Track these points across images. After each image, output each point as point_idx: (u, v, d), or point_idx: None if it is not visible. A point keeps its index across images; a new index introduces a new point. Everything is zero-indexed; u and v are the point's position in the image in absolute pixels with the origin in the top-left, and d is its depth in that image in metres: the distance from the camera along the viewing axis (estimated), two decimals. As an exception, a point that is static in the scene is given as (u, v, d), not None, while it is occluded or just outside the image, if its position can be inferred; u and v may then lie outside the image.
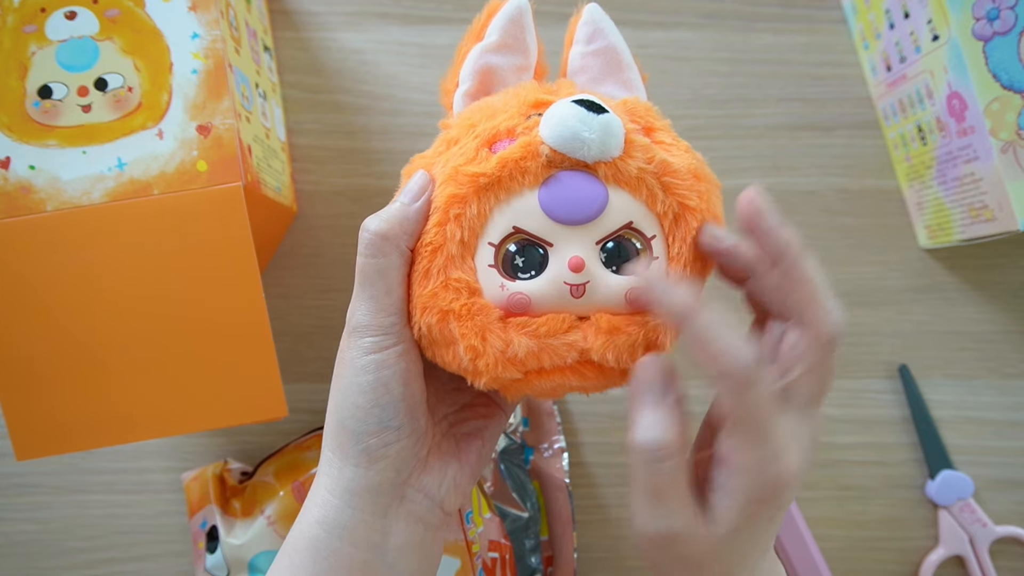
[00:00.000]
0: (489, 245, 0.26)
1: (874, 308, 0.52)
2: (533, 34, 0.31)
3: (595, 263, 0.26)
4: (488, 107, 0.28)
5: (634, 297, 0.26)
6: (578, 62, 0.31)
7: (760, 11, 0.53)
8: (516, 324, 0.26)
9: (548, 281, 0.26)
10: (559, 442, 0.47)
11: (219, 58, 0.38)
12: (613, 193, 0.26)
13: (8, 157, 0.37)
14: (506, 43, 0.31)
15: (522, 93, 0.29)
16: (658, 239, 0.27)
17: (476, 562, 0.40)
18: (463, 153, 0.27)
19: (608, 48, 0.31)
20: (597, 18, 0.31)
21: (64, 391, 0.37)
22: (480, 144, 0.27)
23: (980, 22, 0.43)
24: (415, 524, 0.29)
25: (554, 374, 0.27)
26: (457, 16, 0.52)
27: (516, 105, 0.28)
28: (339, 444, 0.28)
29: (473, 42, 0.31)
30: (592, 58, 0.31)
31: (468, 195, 0.26)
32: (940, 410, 0.51)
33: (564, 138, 0.25)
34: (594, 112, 0.25)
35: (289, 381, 0.48)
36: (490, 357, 0.26)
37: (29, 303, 0.36)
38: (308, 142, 0.51)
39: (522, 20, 0.31)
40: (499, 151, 0.26)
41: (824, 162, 0.52)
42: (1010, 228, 0.43)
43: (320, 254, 0.50)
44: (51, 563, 0.48)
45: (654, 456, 0.24)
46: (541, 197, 0.26)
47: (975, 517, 0.49)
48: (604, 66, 0.31)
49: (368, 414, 0.27)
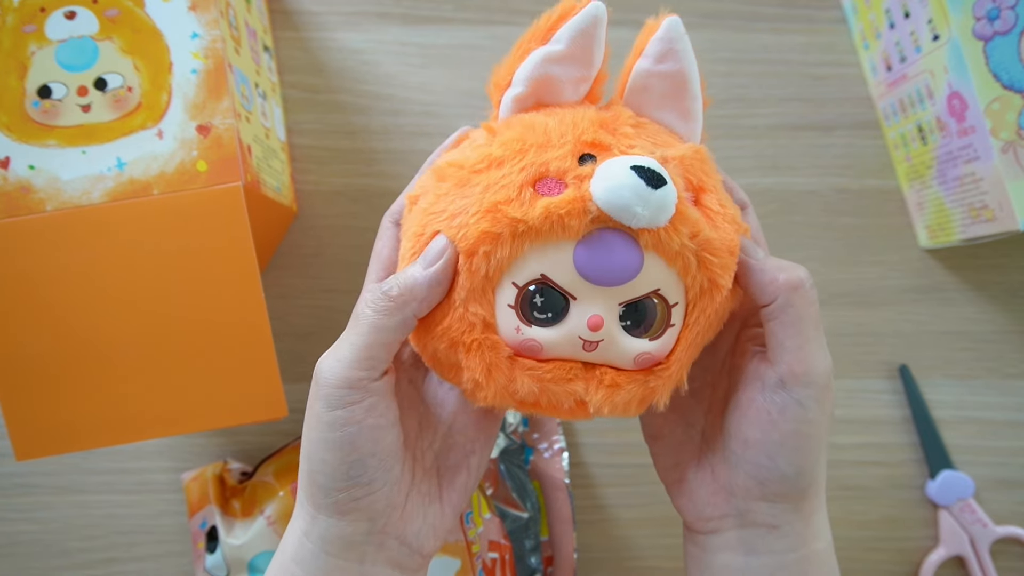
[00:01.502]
0: (513, 285, 0.26)
1: (874, 308, 0.51)
2: (603, 45, 0.28)
3: (613, 323, 0.26)
4: (541, 132, 0.26)
5: (642, 361, 0.27)
6: (641, 80, 0.28)
7: (760, 11, 0.53)
8: (523, 365, 0.27)
9: (564, 333, 0.26)
10: (559, 442, 0.47)
11: (219, 58, 0.38)
12: (648, 258, 0.25)
13: (8, 157, 0.37)
14: (572, 54, 0.28)
15: (580, 124, 0.27)
16: (679, 307, 0.27)
17: (476, 562, 0.40)
18: (505, 187, 0.25)
19: (678, 72, 0.28)
20: (675, 37, 0.28)
21: (64, 391, 0.37)
22: (525, 180, 0.25)
23: (980, 22, 0.43)
24: (392, 569, 0.28)
25: (549, 410, 0.28)
26: (457, 16, 0.52)
27: (571, 140, 0.26)
28: (310, 494, 0.27)
29: (536, 43, 0.28)
30: (658, 79, 0.28)
31: (503, 236, 0.25)
32: (940, 410, 0.51)
33: (615, 206, 0.24)
34: (652, 186, 0.24)
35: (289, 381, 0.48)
36: (491, 391, 0.27)
37: (29, 303, 0.36)
38: (308, 142, 0.51)
39: (594, 32, 0.27)
40: (544, 194, 0.25)
41: (824, 162, 0.52)
42: (1010, 228, 0.43)
43: (320, 254, 0.50)
44: (51, 563, 0.48)
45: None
46: (577, 255, 0.25)
47: (975, 517, 0.49)
48: (668, 91, 0.29)
49: (336, 470, 0.26)
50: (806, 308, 0.27)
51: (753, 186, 0.52)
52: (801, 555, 0.29)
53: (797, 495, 0.28)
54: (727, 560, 0.30)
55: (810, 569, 0.29)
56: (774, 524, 0.28)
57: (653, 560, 0.49)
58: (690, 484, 0.31)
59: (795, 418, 0.27)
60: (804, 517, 0.29)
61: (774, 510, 0.28)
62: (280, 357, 0.38)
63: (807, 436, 0.27)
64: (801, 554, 0.29)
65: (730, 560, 0.30)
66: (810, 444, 0.27)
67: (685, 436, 0.32)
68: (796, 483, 0.28)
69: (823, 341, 0.28)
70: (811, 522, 0.29)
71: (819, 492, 0.29)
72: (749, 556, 0.29)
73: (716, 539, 0.30)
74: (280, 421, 0.48)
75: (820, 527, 0.29)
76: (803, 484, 0.28)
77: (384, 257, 0.30)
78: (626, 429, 0.50)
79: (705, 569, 0.31)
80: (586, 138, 0.26)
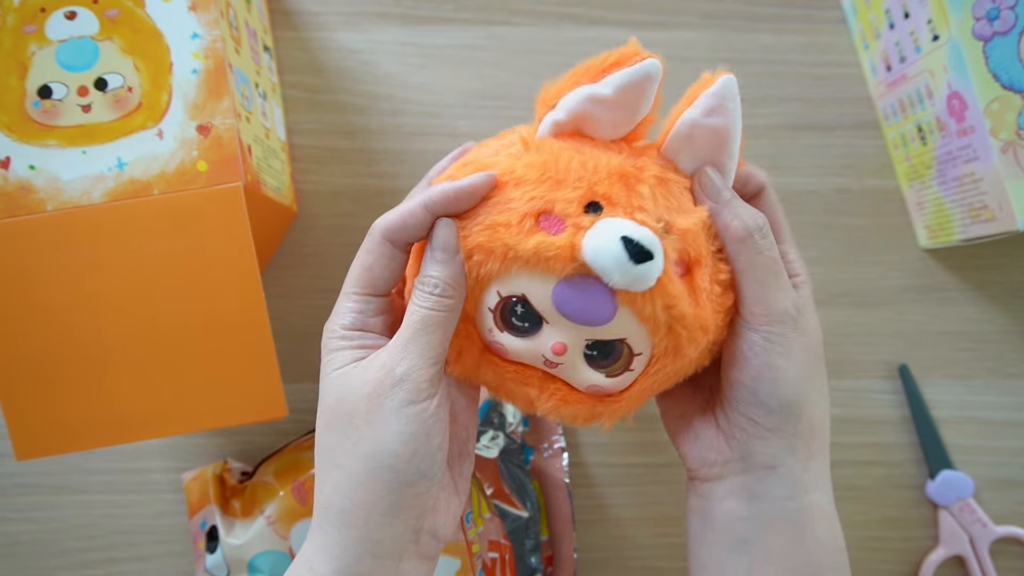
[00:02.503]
0: (497, 293, 0.28)
1: (874, 308, 0.52)
2: (652, 99, 0.29)
3: (577, 352, 0.28)
4: (563, 168, 0.27)
5: (593, 391, 0.29)
6: (687, 129, 0.29)
7: (760, 11, 0.53)
8: (490, 359, 0.30)
9: (530, 347, 0.28)
10: (559, 442, 0.47)
11: (219, 58, 0.38)
12: (622, 310, 0.27)
13: (8, 157, 0.37)
14: (616, 101, 0.28)
15: (600, 171, 0.27)
16: (643, 357, 0.28)
17: (476, 562, 0.41)
18: (511, 211, 0.27)
19: (723, 129, 0.29)
20: (728, 95, 0.29)
21: (64, 391, 0.37)
22: (530, 211, 0.27)
23: (980, 22, 0.43)
24: (424, 562, 0.29)
25: (506, 399, 0.32)
26: (457, 16, 0.52)
27: (585, 187, 0.27)
28: (362, 496, 0.27)
29: (587, 79, 0.28)
30: (703, 131, 0.29)
31: (496, 254, 0.27)
32: (940, 410, 0.51)
33: (598, 267, 0.26)
34: (635, 260, 0.25)
35: (289, 381, 0.48)
36: (457, 369, 0.31)
37: (29, 303, 0.36)
38: (308, 142, 0.51)
39: (644, 86, 0.28)
40: (544, 228, 0.27)
41: (824, 162, 0.52)
42: (1010, 228, 0.43)
43: (320, 254, 0.50)
44: (51, 563, 0.48)
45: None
46: (556, 291, 0.27)
47: (975, 517, 0.49)
48: (710, 144, 0.29)
49: (408, 464, 0.27)
50: (755, 256, 0.29)
51: (753, 186, 0.52)
52: (801, 504, 0.30)
53: (788, 428, 0.29)
54: (729, 508, 0.30)
55: (811, 520, 0.30)
56: (771, 464, 0.30)
57: (653, 560, 0.49)
58: (696, 430, 0.32)
59: (764, 352, 0.29)
60: (801, 460, 0.30)
61: (770, 448, 0.30)
62: (280, 357, 0.38)
63: (778, 368, 0.29)
64: (801, 503, 0.30)
65: (732, 507, 0.30)
66: (785, 376, 0.29)
67: (693, 391, 0.34)
68: (781, 415, 0.29)
69: (783, 282, 0.29)
70: (809, 467, 0.30)
71: (815, 433, 0.30)
72: (751, 503, 0.30)
73: (719, 487, 0.31)
74: (280, 421, 0.48)
75: (819, 475, 0.30)
76: (788, 416, 0.29)
77: (375, 276, 0.30)
78: (626, 429, 0.50)
79: (708, 520, 0.31)
80: (599, 189, 0.27)
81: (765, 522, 0.30)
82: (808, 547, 0.30)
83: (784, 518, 0.30)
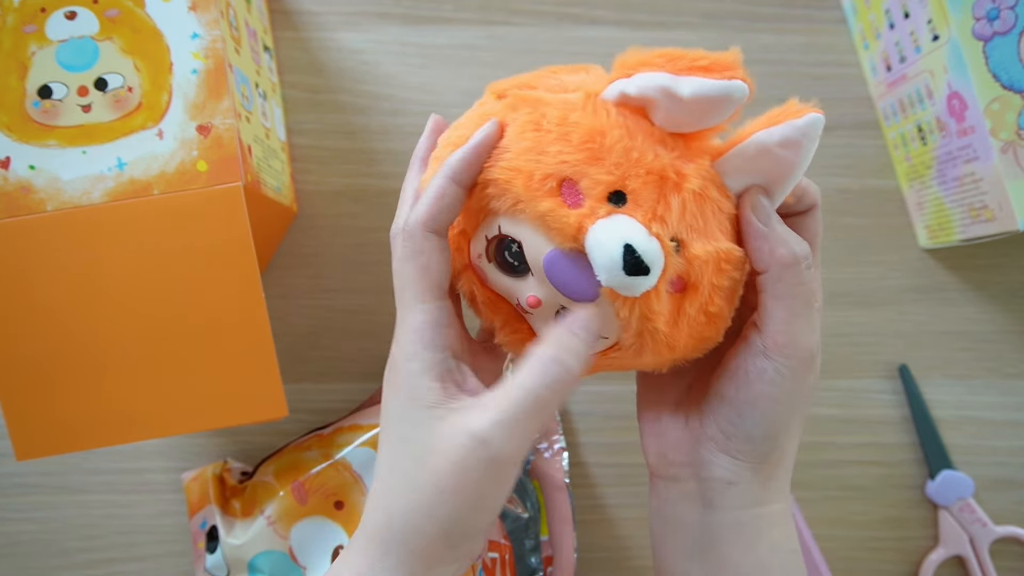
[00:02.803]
0: (498, 228, 0.28)
1: (874, 308, 0.52)
2: (725, 117, 0.27)
3: (548, 312, 0.28)
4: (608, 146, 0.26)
5: None
6: (752, 150, 0.28)
7: (760, 11, 0.53)
8: (470, 277, 0.30)
9: (508, 287, 0.29)
10: (559, 442, 0.47)
11: (219, 58, 0.38)
12: (603, 300, 0.26)
13: (8, 157, 0.37)
14: (689, 106, 0.26)
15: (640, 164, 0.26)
16: (607, 342, 0.28)
17: (476, 562, 0.41)
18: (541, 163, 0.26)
19: (791, 165, 0.27)
20: (811, 134, 0.26)
21: (64, 391, 0.37)
22: (555, 174, 0.26)
23: (980, 22, 0.43)
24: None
25: (471, 308, 0.31)
26: (457, 16, 0.52)
27: (619, 175, 0.26)
28: (422, 548, 0.26)
29: (673, 67, 0.26)
30: (768, 159, 0.27)
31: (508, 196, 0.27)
32: (940, 410, 0.51)
33: (592, 259, 0.25)
34: (627, 271, 0.25)
35: (289, 381, 0.48)
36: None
37: (29, 303, 0.36)
38: (308, 142, 0.51)
39: (722, 106, 0.26)
40: (563, 194, 0.26)
41: (824, 162, 0.52)
42: (1010, 228, 0.43)
43: (320, 254, 0.50)
44: (51, 563, 0.48)
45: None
46: (549, 256, 0.26)
47: (975, 517, 0.49)
48: (769, 173, 0.28)
49: (481, 529, 0.27)
50: (797, 286, 0.28)
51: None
52: (756, 513, 0.29)
53: (758, 458, 0.29)
54: (685, 513, 0.30)
55: (766, 526, 0.29)
56: (732, 480, 0.29)
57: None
58: (663, 424, 0.32)
59: (770, 383, 0.28)
60: (762, 480, 0.29)
61: (734, 466, 0.29)
62: (280, 357, 0.38)
63: (777, 402, 0.28)
64: (756, 512, 0.29)
65: (688, 513, 0.30)
66: (779, 411, 0.28)
67: (672, 382, 0.33)
68: (759, 445, 0.29)
69: (813, 318, 0.28)
70: (768, 487, 0.29)
71: (782, 461, 0.30)
72: (706, 511, 0.30)
73: (675, 488, 0.31)
74: (280, 421, 0.48)
75: (779, 490, 0.30)
76: (766, 448, 0.29)
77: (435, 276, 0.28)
78: (627, 429, 0.50)
79: (667, 524, 0.31)
80: (631, 183, 0.26)
81: (720, 531, 0.29)
82: (760, 552, 0.29)
83: (739, 527, 0.29)
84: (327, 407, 0.49)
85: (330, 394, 0.50)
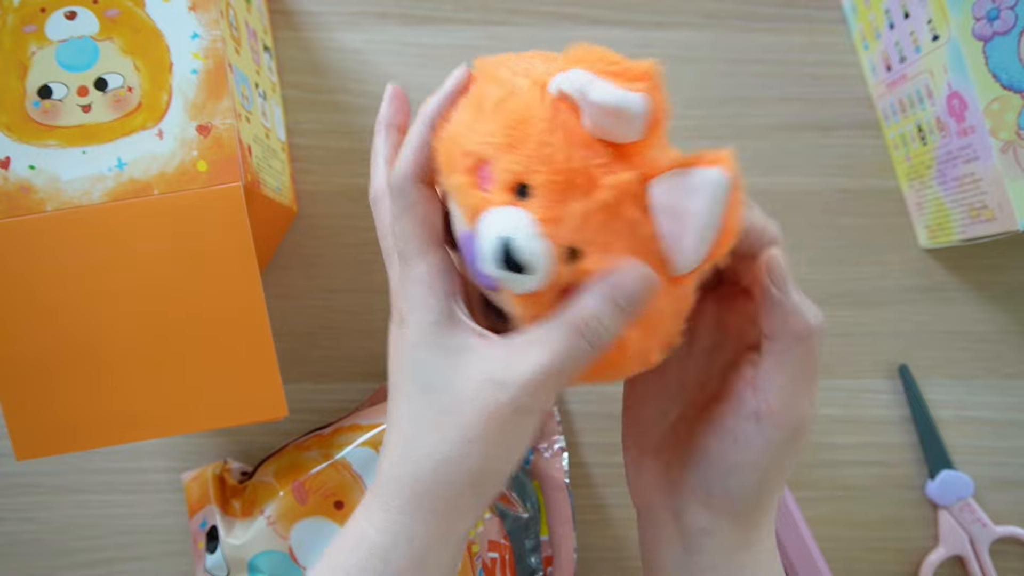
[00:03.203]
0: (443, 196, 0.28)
1: (874, 308, 0.52)
2: (634, 134, 0.24)
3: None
4: (529, 136, 0.24)
5: None
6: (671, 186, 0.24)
7: (760, 11, 0.53)
8: None
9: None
10: (559, 442, 0.47)
11: (219, 58, 0.38)
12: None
13: (8, 157, 0.37)
14: (592, 114, 0.24)
15: (558, 162, 0.24)
16: None
17: (476, 562, 0.41)
18: (468, 138, 0.26)
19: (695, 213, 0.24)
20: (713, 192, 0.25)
21: (64, 391, 0.37)
22: (475, 152, 0.25)
23: (980, 22, 0.43)
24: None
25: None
26: (457, 16, 0.52)
27: (532, 166, 0.24)
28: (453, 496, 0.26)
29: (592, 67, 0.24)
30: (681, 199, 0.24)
31: (438, 160, 0.27)
32: (940, 410, 0.51)
33: (478, 248, 0.25)
34: (501, 268, 0.24)
35: (289, 381, 0.48)
36: None
37: (29, 303, 0.36)
38: (308, 142, 0.51)
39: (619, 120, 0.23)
40: (477, 174, 0.25)
41: (824, 162, 0.52)
42: (1010, 228, 0.43)
43: (320, 254, 0.50)
44: (51, 563, 0.48)
45: None
46: (461, 237, 0.26)
47: (975, 517, 0.49)
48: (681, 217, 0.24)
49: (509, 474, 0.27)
50: (807, 358, 0.26)
51: (753, 186, 0.51)
52: (739, 562, 0.29)
53: (739, 514, 0.28)
54: (667, 552, 0.30)
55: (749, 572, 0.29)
56: (710, 531, 0.28)
57: (653, 560, 0.50)
58: (644, 466, 0.31)
59: (758, 451, 0.27)
60: (743, 530, 0.28)
61: (713, 518, 0.28)
62: (280, 357, 0.38)
63: (764, 470, 0.27)
64: (739, 560, 0.29)
65: (669, 553, 0.30)
66: (765, 478, 0.27)
67: (655, 418, 0.31)
68: (741, 506, 0.28)
69: (814, 390, 0.27)
70: (750, 535, 0.29)
71: (766, 512, 0.29)
72: (687, 553, 0.29)
73: (657, 528, 0.30)
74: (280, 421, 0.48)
75: (760, 537, 0.29)
76: (747, 509, 0.28)
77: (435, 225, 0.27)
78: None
79: (651, 555, 0.31)
80: (538, 179, 0.24)
81: (701, 570, 0.29)
82: None
83: (720, 571, 0.29)
84: (327, 407, 0.49)
85: (330, 394, 0.50)
